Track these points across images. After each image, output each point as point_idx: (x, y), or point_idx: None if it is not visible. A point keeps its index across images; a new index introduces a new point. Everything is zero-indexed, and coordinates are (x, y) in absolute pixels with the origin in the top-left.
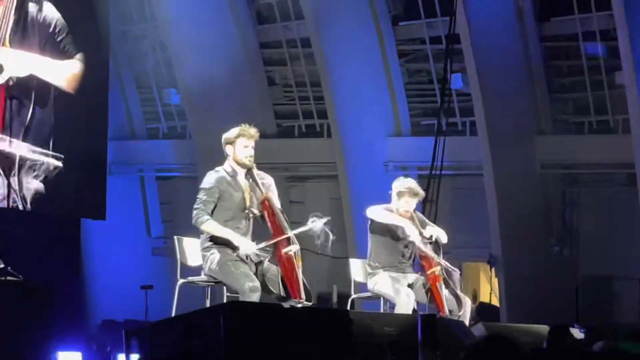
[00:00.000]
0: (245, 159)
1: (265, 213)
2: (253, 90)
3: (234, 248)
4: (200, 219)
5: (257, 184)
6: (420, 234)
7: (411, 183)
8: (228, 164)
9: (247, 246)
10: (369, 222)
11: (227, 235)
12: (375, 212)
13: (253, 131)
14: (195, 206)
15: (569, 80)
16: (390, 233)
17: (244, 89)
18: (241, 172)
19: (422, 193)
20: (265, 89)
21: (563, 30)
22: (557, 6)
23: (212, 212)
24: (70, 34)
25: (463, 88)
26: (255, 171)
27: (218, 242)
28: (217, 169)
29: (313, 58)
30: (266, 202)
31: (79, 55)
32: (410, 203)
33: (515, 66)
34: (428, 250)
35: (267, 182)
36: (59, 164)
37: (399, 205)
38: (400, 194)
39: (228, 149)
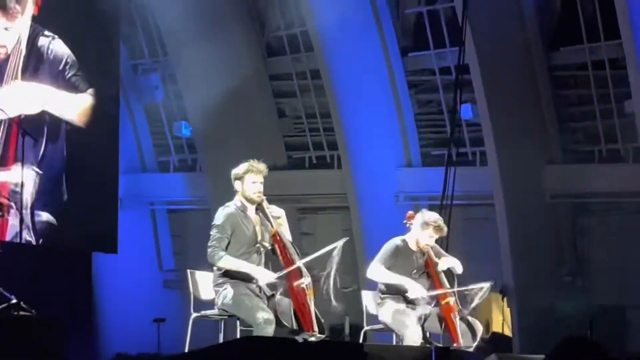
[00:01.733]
0: (253, 195)
1: (276, 246)
2: (263, 122)
3: (250, 281)
4: (217, 256)
5: (267, 218)
6: (433, 272)
7: (438, 218)
8: (238, 199)
9: (265, 276)
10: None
11: (244, 269)
12: (375, 273)
13: (262, 167)
14: (209, 244)
15: (578, 109)
16: (402, 264)
17: (254, 121)
18: (251, 207)
19: (446, 230)
20: (276, 121)
21: (572, 59)
22: (566, 35)
23: (226, 247)
24: (81, 70)
25: (473, 118)
26: (266, 204)
27: (231, 277)
28: (227, 204)
29: (323, 90)
30: (277, 235)
31: (90, 91)
32: (433, 238)
33: (525, 96)
34: (441, 278)
35: (278, 215)
36: (71, 198)
37: (421, 237)
38: (425, 226)
39: (237, 185)
